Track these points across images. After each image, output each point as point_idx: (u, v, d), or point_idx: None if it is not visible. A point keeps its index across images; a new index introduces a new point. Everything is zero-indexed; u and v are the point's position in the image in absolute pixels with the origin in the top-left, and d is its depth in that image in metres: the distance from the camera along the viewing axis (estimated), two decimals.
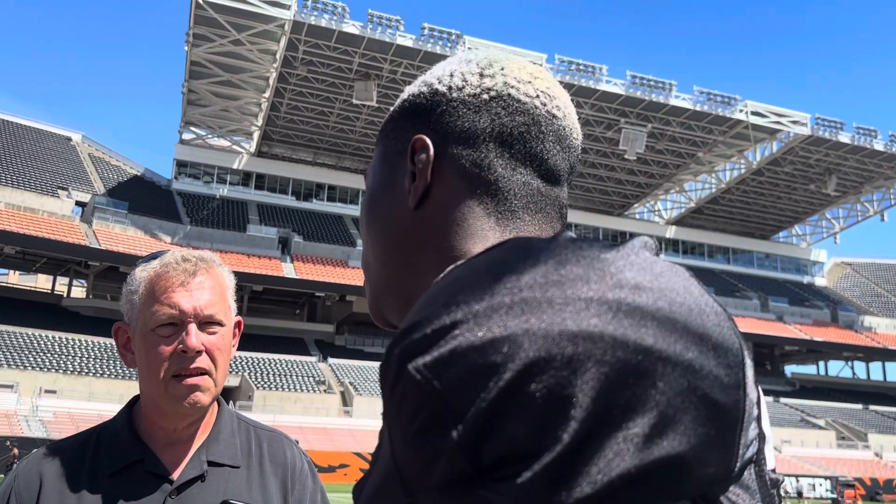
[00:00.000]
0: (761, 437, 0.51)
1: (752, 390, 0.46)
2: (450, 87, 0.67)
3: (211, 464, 1.40)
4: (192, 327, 1.36)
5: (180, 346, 1.35)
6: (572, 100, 0.63)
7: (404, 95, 0.72)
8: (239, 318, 1.51)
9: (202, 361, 1.37)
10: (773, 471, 0.54)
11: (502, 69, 0.67)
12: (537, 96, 0.66)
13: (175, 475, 1.36)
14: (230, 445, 1.45)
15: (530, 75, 0.68)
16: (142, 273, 1.41)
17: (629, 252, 0.46)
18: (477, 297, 0.44)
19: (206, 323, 1.39)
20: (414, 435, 0.43)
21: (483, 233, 0.63)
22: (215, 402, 1.48)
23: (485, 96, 0.66)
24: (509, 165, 0.64)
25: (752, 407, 0.46)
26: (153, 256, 1.44)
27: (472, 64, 0.68)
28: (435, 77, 0.70)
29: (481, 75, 0.67)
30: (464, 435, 0.41)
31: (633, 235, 0.47)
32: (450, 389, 0.42)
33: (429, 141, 0.65)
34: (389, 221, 0.68)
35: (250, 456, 1.46)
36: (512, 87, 0.66)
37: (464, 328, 0.43)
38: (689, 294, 0.45)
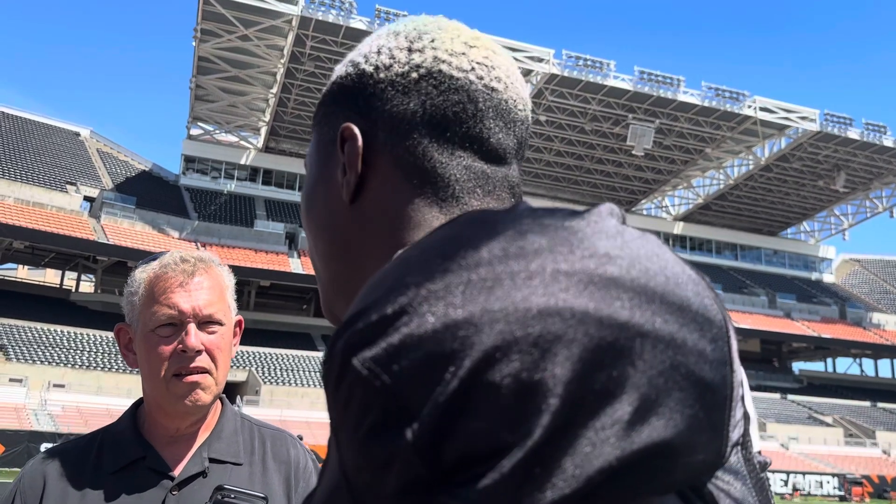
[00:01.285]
0: (746, 417, 0.46)
1: (738, 366, 0.41)
2: (377, 67, 0.61)
3: (213, 461, 1.42)
4: (192, 327, 1.38)
5: (180, 345, 1.37)
6: (580, 95, 0.64)
7: (333, 76, 0.65)
8: (239, 317, 1.52)
9: (202, 361, 1.39)
10: (759, 453, 0.49)
11: (433, 41, 0.60)
12: (472, 69, 0.60)
13: (176, 472, 1.38)
14: (232, 443, 1.46)
15: (464, 45, 0.61)
16: (141, 274, 1.43)
17: (596, 219, 0.42)
18: (427, 277, 0.38)
19: (206, 322, 1.41)
20: (363, 438, 0.37)
21: (427, 223, 0.57)
22: (218, 402, 1.50)
23: (413, 75, 0.59)
24: (446, 150, 0.58)
25: (739, 384, 0.41)
26: (153, 258, 1.47)
27: (400, 37, 0.62)
28: (361, 55, 0.63)
29: (409, 50, 0.60)
30: (420, 434, 0.35)
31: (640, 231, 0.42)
32: (401, 384, 0.36)
33: (356, 129, 0.60)
34: (327, 217, 0.62)
35: (253, 454, 1.47)
36: (443, 61, 0.59)
37: (414, 313, 0.37)
38: (664, 262, 0.40)
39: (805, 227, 64.84)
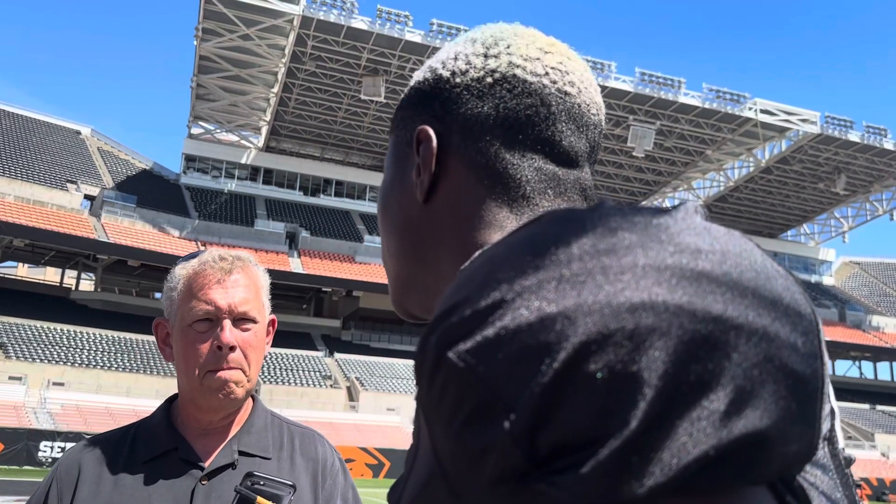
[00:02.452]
0: (832, 413, 0.46)
1: (827, 359, 0.41)
2: (453, 72, 0.63)
3: (242, 454, 1.46)
4: (227, 323, 1.42)
5: (215, 341, 1.41)
6: None
7: (412, 82, 0.69)
8: (273, 316, 1.56)
9: (236, 358, 1.42)
10: (843, 449, 0.49)
11: (508, 47, 0.63)
12: (546, 73, 0.62)
13: (207, 463, 1.43)
14: (262, 438, 1.50)
15: (539, 50, 0.63)
16: (181, 271, 1.47)
17: (684, 216, 0.41)
18: (520, 272, 0.39)
19: (241, 319, 1.44)
20: (459, 429, 0.38)
21: (498, 223, 0.59)
22: (250, 398, 1.54)
23: (488, 80, 0.62)
24: (518, 152, 0.60)
25: (828, 378, 0.41)
26: (192, 256, 1.51)
27: (476, 44, 0.64)
28: (439, 61, 0.66)
29: (485, 56, 0.63)
30: (517, 424, 0.36)
31: None
32: (497, 376, 0.37)
33: (431, 132, 0.62)
34: (400, 216, 0.65)
35: (281, 449, 1.51)
36: (517, 66, 0.62)
37: (508, 307, 0.38)
38: (753, 257, 0.40)
39: (805, 230, 64.85)
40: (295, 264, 45.59)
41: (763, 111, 47.32)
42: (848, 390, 56.94)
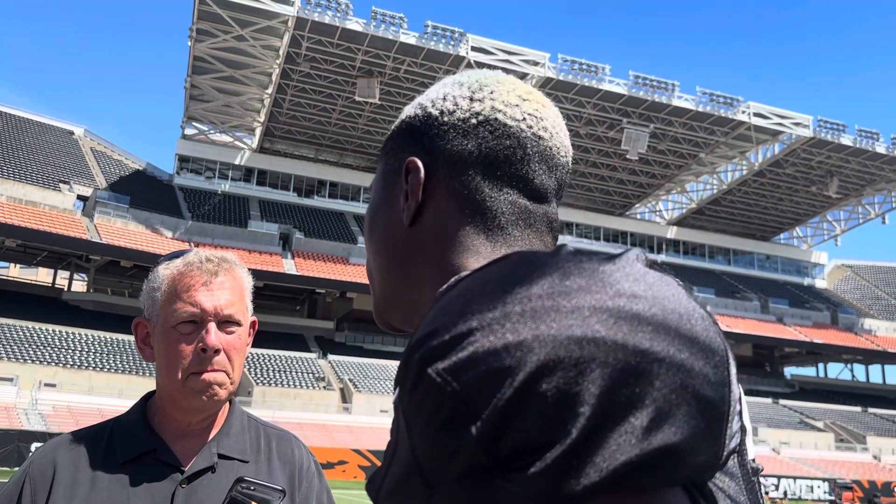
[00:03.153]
0: (742, 429, 0.56)
1: (735, 387, 0.50)
2: (441, 112, 0.71)
3: (221, 457, 1.44)
4: (212, 326, 1.41)
5: (200, 344, 1.39)
6: (575, 99, 0.72)
7: (402, 116, 0.76)
8: (254, 318, 1.55)
9: (219, 360, 1.41)
10: (753, 460, 0.60)
11: (491, 93, 0.71)
12: (524, 119, 0.70)
13: (186, 466, 1.40)
14: (240, 441, 1.49)
15: (519, 98, 0.71)
16: (165, 271, 1.45)
17: (625, 264, 0.50)
18: (490, 306, 0.47)
19: (225, 322, 1.43)
20: (434, 432, 0.46)
21: (475, 248, 0.67)
22: (227, 400, 1.52)
23: (473, 120, 0.70)
24: (496, 186, 0.68)
25: (735, 402, 0.50)
26: (176, 255, 1.48)
27: (463, 87, 0.72)
28: (429, 100, 0.74)
29: (471, 99, 0.71)
30: (482, 431, 0.44)
31: (634, 235, 0.47)
32: (468, 390, 0.45)
33: (420, 163, 0.70)
34: (387, 236, 0.72)
35: (259, 452, 1.50)
36: (499, 111, 0.70)
37: (479, 335, 0.46)
38: (679, 302, 0.49)
39: (798, 233, 65.08)
40: (288, 265, 45.51)
41: (756, 114, 47.47)
42: (840, 393, 57.15)
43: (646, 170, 54.43)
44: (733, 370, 0.50)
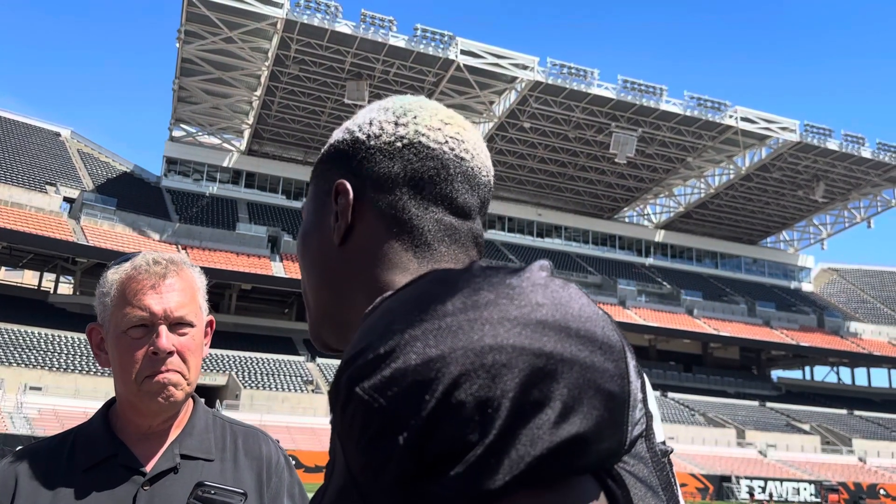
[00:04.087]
0: (648, 415, 0.60)
1: (634, 378, 0.54)
2: (368, 136, 0.75)
3: (184, 457, 1.44)
4: (163, 329, 1.40)
5: (151, 347, 1.39)
6: (563, 103, 0.75)
7: (331, 140, 0.80)
8: (210, 317, 1.55)
9: (173, 363, 1.41)
10: (663, 443, 0.65)
11: (415, 118, 0.75)
12: (446, 142, 0.74)
13: (148, 468, 1.40)
14: (204, 440, 1.48)
15: (441, 122, 0.75)
16: (113, 276, 1.45)
17: (529, 275, 0.54)
18: (408, 325, 0.51)
19: (177, 324, 1.43)
20: (366, 445, 0.49)
21: (403, 265, 0.71)
22: (190, 400, 1.52)
23: (398, 144, 0.74)
24: (421, 206, 0.72)
25: (636, 392, 0.54)
26: (124, 259, 1.48)
27: (388, 112, 0.76)
28: (357, 125, 0.77)
29: (396, 124, 0.75)
30: (408, 440, 0.47)
31: (622, 239, 0.50)
32: (393, 405, 0.48)
33: (349, 185, 0.73)
34: (319, 256, 0.76)
35: (224, 450, 1.49)
36: (423, 134, 0.74)
37: (400, 352, 0.49)
38: (578, 305, 0.53)
39: (784, 237, 65.47)
40: (277, 268, 45.35)
41: (743, 119, 47.76)
42: (826, 396, 57.49)
43: (634, 174, 54.62)
44: (632, 363, 0.55)
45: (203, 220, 47.38)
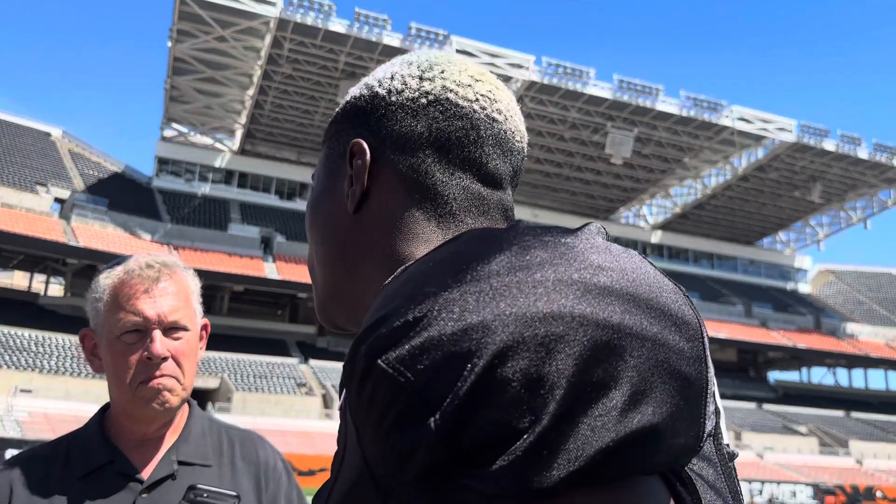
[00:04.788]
0: (717, 411, 0.51)
1: (711, 364, 0.47)
2: (389, 91, 0.67)
3: (181, 463, 1.42)
4: (157, 334, 1.39)
5: (145, 353, 1.37)
6: (559, 103, 0.70)
7: (347, 97, 0.72)
8: (205, 320, 1.53)
9: (168, 367, 1.39)
10: (728, 445, 0.55)
11: (442, 72, 0.67)
12: (476, 100, 0.66)
13: (145, 475, 1.39)
14: (201, 445, 1.47)
15: (471, 78, 0.67)
16: (105, 280, 1.44)
17: (588, 236, 0.47)
18: (443, 287, 0.43)
19: (171, 328, 1.41)
20: (388, 430, 0.42)
21: (425, 236, 0.63)
22: (186, 405, 1.50)
23: (423, 100, 0.66)
24: (447, 170, 0.64)
25: (712, 380, 0.47)
26: (117, 263, 1.47)
27: (412, 66, 0.68)
28: (376, 79, 0.70)
29: (421, 78, 0.67)
30: (441, 424, 0.40)
31: (618, 239, 0.47)
32: (424, 381, 0.41)
33: (366, 145, 0.66)
34: (330, 225, 0.68)
35: (221, 455, 1.48)
36: (451, 90, 0.66)
37: (433, 318, 0.42)
38: (646, 273, 0.46)
39: (781, 238, 65.33)
40: (270, 269, 44.99)
41: (740, 119, 47.55)
42: (823, 397, 57.36)
43: (630, 174, 54.40)
44: (707, 345, 0.47)
45: (195, 221, 47.01)
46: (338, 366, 43.76)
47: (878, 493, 41.51)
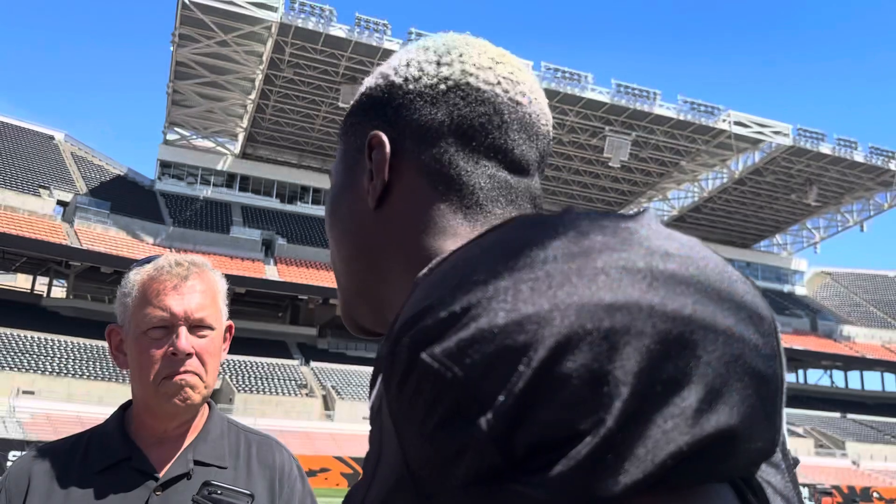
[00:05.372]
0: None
1: (785, 361, 0.42)
2: (406, 79, 0.63)
3: (198, 463, 1.43)
4: (183, 330, 1.39)
5: (171, 348, 1.38)
6: (557, 107, 0.66)
7: (362, 89, 0.68)
8: (230, 322, 1.55)
9: (192, 364, 1.40)
10: (791, 450, 0.51)
11: (461, 56, 0.63)
12: (498, 83, 0.62)
13: (161, 473, 1.40)
14: (218, 446, 1.47)
15: (491, 60, 0.63)
16: (135, 276, 1.44)
17: (649, 221, 0.43)
18: (495, 274, 0.39)
19: (197, 326, 1.42)
20: (433, 430, 0.38)
21: (452, 229, 0.59)
22: (206, 405, 1.51)
23: (442, 87, 0.62)
24: (471, 159, 0.61)
25: (786, 379, 0.42)
26: (147, 260, 1.47)
27: (429, 52, 0.64)
28: (391, 68, 0.65)
29: (438, 63, 0.63)
30: (494, 424, 0.36)
31: None
32: (473, 376, 0.37)
33: (385, 137, 0.62)
34: (351, 223, 0.64)
35: (238, 457, 1.49)
36: (470, 74, 0.62)
37: (484, 308, 0.38)
38: (715, 261, 0.41)
39: (778, 240, 65.63)
40: (271, 272, 45.29)
41: (737, 123, 47.88)
42: (819, 399, 57.58)
43: (628, 177, 54.73)
44: (781, 341, 0.43)
45: (197, 224, 47.30)
46: (338, 367, 44.04)
47: (875, 495, 41.80)
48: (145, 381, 1.39)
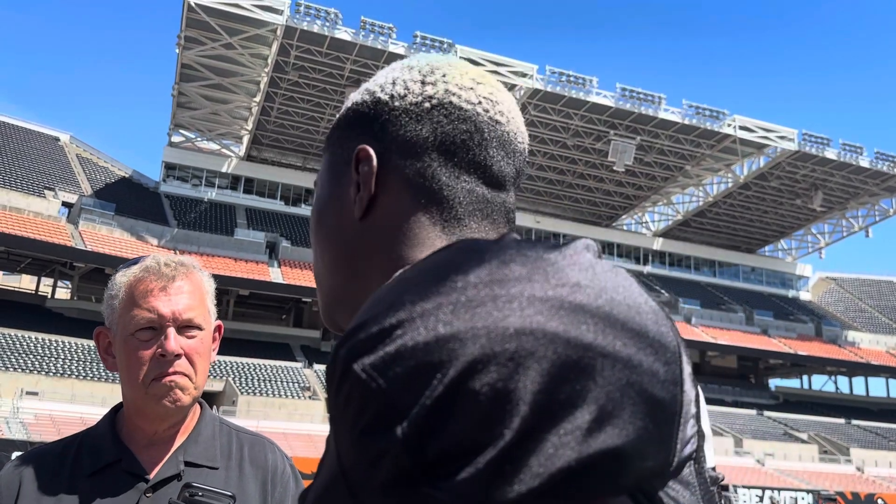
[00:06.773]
0: (700, 434, 0.51)
1: (689, 387, 0.46)
2: (392, 96, 0.67)
3: (189, 464, 1.42)
4: (171, 331, 1.39)
5: (159, 349, 1.37)
6: (562, 111, 0.69)
7: (348, 103, 0.72)
8: (219, 322, 1.54)
9: (181, 365, 1.39)
10: (713, 469, 0.56)
11: (444, 76, 0.67)
12: (479, 102, 0.66)
13: (152, 474, 1.39)
14: (209, 447, 1.46)
15: (472, 81, 0.67)
16: (122, 278, 1.44)
17: (572, 252, 0.47)
18: (422, 296, 0.44)
19: (185, 327, 1.41)
20: (359, 435, 0.42)
21: (430, 241, 0.63)
22: (197, 406, 1.50)
23: (426, 104, 0.65)
24: (453, 174, 0.64)
25: (689, 403, 0.46)
26: (134, 262, 1.47)
27: (413, 71, 0.68)
28: (378, 85, 0.69)
29: (423, 83, 0.67)
30: (408, 433, 0.40)
31: (620, 246, 0.47)
32: (395, 388, 0.41)
33: (372, 151, 0.65)
34: (337, 232, 0.67)
35: (230, 458, 1.48)
36: (453, 94, 0.66)
37: (409, 327, 0.42)
38: (628, 293, 0.45)
39: (782, 245, 65.49)
40: (275, 274, 45.32)
41: (742, 128, 47.83)
42: (823, 405, 57.44)
43: (632, 181, 54.68)
44: (687, 368, 0.47)
45: (201, 226, 47.35)
46: None
47: (879, 501, 41.64)
48: (134, 382, 1.38)
